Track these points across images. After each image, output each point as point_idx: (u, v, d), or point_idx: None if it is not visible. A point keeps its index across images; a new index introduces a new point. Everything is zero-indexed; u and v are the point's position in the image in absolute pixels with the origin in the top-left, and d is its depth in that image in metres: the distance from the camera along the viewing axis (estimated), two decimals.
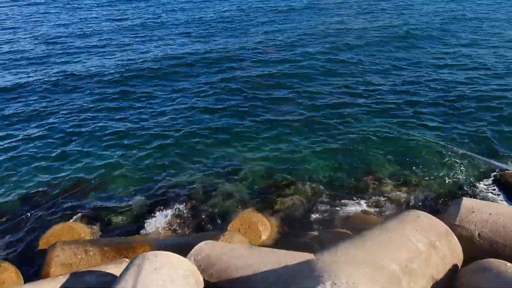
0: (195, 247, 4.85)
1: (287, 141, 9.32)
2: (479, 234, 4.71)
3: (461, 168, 7.90)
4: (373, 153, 8.69)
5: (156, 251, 4.12)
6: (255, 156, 8.79)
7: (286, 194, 7.48)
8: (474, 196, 6.79)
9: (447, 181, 7.56)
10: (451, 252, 4.39)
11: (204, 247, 4.84)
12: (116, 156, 9.06)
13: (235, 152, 8.96)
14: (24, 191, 7.95)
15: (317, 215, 7.02)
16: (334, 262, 3.79)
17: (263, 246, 6.26)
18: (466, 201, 5.06)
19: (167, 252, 4.13)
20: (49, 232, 6.60)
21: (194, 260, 4.67)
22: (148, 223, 7.02)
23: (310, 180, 7.86)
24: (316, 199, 7.40)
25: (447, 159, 8.26)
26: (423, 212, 4.92)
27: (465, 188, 7.19)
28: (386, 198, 7.25)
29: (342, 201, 7.23)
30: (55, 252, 5.64)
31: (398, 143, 9.01)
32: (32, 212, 7.33)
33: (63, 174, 8.54)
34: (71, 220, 7.05)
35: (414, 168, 8.05)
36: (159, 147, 9.35)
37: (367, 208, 7.02)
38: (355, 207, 7.03)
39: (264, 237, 6.49)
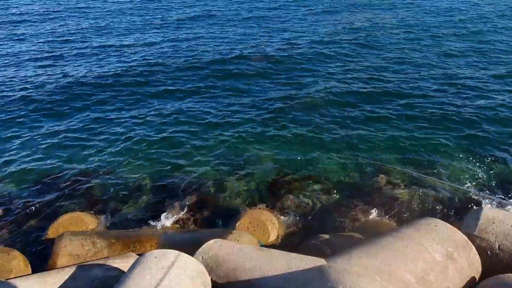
0: (204, 246, 4.77)
1: (299, 139, 9.14)
2: (499, 246, 4.51)
3: (482, 173, 7.61)
4: (387, 153, 8.47)
5: (163, 250, 4.04)
6: (266, 153, 8.65)
7: (296, 193, 7.33)
8: (495, 205, 6.51)
9: (466, 187, 7.29)
10: (469, 265, 4.21)
11: (213, 246, 4.75)
12: (127, 147, 9.01)
13: (246, 148, 8.84)
14: (34, 178, 7.96)
15: (328, 216, 6.86)
16: (347, 271, 3.65)
17: (272, 246, 6.15)
18: (487, 211, 4.85)
19: (175, 250, 4.04)
20: (57, 221, 6.59)
21: (202, 259, 4.59)
22: (156, 216, 6.96)
23: (321, 179, 7.69)
24: (327, 200, 7.24)
25: (467, 162, 7.98)
26: (440, 220, 4.74)
27: (486, 196, 6.93)
28: (399, 201, 7.05)
29: (354, 202, 7.05)
30: (62, 243, 5.62)
31: (415, 144, 8.74)
32: (42, 200, 7.34)
33: (73, 162, 8.54)
34: (79, 210, 7.03)
35: (430, 171, 7.81)
36: (170, 140, 9.26)
37: (379, 211, 6.83)
38: (367, 209, 6.85)
39: (272, 236, 6.38)
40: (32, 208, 7.09)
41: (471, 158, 8.18)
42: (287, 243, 6.09)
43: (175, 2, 24.98)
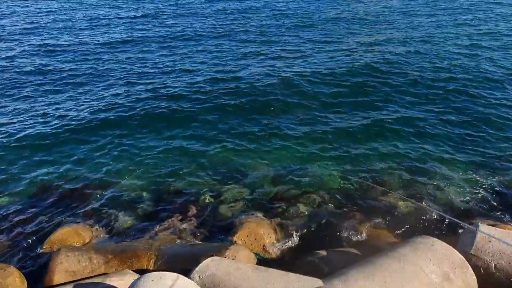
0: (201, 264, 4.77)
1: (297, 152, 9.14)
2: (495, 265, 4.54)
3: (481, 190, 7.60)
4: (386, 166, 8.47)
5: (161, 272, 4.03)
6: (264, 166, 8.64)
7: (294, 206, 7.31)
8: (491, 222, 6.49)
9: (463, 202, 7.30)
10: (465, 285, 4.23)
11: (210, 265, 4.76)
12: (124, 160, 8.99)
13: (244, 161, 8.83)
14: (30, 193, 7.92)
15: (325, 228, 6.85)
16: None
17: (269, 260, 6.16)
18: (483, 229, 4.87)
19: (172, 273, 4.03)
20: (54, 235, 6.56)
21: (199, 278, 4.60)
22: (153, 229, 6.93)
23: (319, 192, 7.68)
24: (325, 212, 7.24)
25: (466, 178, 7.97)
26: (437, 239, 4.76)
27: (483, 213, 6.94)
28: (397, 215, 7.05)
29: (351, 215, 7.04)
30: (59, 259, 5.58)
31: (414, 157, 8.75)
32: (38, 214, 7.27)
33: (70, 174, 8.51)
34: (76, 223, 7.00)
35: (428, 185, 7.82)
36: (167, 152, 9.24)
37: (376, 224, 6.84)
38: (364, 222, 6.84)
39: (270, 250, 6.37)
40: (29, 223, 7.06)
41: (471, 175, 8.15)
42: (285, 260, 6.08)
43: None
